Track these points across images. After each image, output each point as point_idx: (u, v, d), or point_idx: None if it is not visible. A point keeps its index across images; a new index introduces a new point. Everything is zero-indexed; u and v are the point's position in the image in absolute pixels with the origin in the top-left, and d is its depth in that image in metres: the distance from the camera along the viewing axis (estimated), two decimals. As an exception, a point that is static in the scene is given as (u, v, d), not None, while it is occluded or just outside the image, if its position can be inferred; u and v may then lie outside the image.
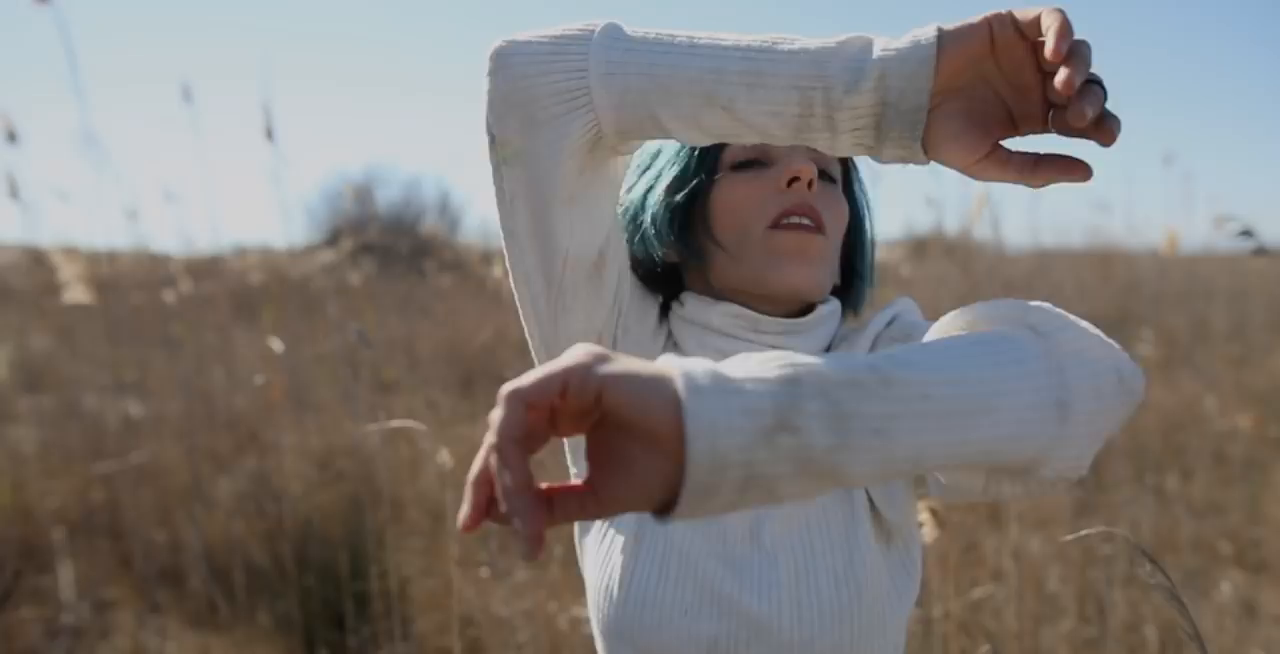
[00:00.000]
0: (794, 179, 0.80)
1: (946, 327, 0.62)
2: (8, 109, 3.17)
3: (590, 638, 2.18)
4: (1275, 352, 4.90)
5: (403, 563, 2.49)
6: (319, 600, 2.54)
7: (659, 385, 0.45)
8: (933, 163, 0.63)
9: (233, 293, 5.14)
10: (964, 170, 0.61)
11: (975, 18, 0.58)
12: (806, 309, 0.86)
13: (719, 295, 0.84)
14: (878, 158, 0.63)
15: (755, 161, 0.82)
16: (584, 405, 0.46)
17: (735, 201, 0.82)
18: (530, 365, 0.86)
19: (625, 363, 0.47)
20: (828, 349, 0.87)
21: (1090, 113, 0.54)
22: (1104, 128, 0.56)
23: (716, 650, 0.77)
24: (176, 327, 3.81)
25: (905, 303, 0.88)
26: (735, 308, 0.83)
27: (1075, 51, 0.55)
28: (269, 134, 2.37)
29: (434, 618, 2.41)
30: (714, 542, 0.80)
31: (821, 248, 0.82)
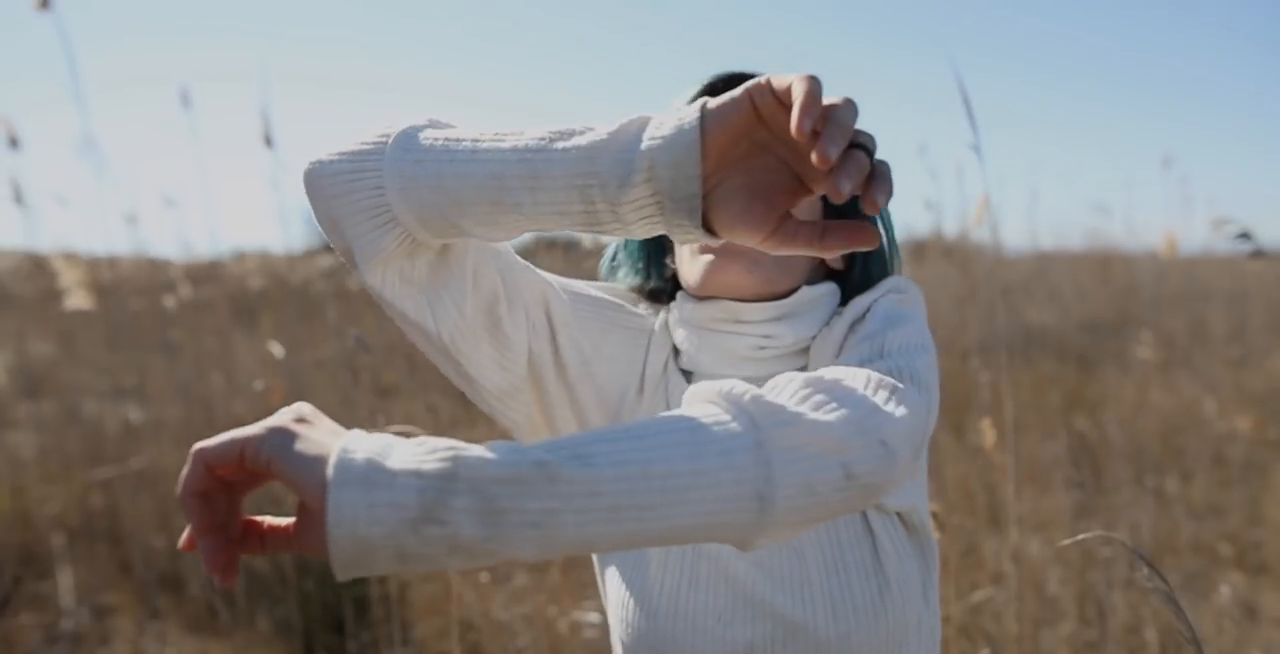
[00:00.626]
0: None
1: (685, 398, 0.61)
2: (7, 114, 3.17)
3: (591, 642, 2.18)
4: (1274, 354, 4.90)
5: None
6: (319, 605, 2.54)
7: (314, 468, 0.48)
8: None
9: (232, 298, 5.14)
10: (757, 247, 0.61)
11: (738, 90, 0.57)
12: (789, 292, 0.85)
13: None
14: (675, 240, 0.62)
15: None
16: (262, 471, 0.50)
17: None
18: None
19: (303, 438, 0.50)
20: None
21: (847, 187, 0.53)
22: (868, 197, 0.54)
23: None
24: (176, 332, 3.81)
25: (893, 283, 0.84)
26: (719, 303, 0.84)
27: (829, 119, 0.53)
28: (268, 141, 2.37)
29: (434, 623, 2.41)
30: None
31: (751, 248, 0.80)
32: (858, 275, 0.88)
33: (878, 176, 0.54)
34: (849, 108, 0.54)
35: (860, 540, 0.79)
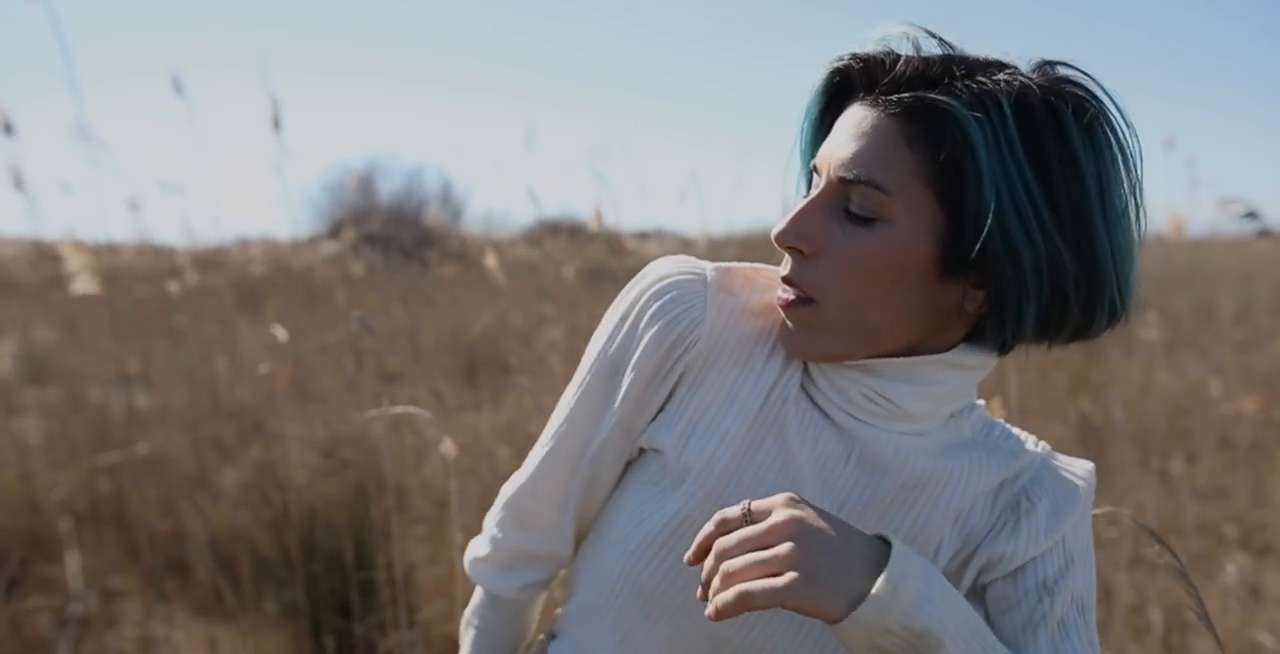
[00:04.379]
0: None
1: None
2: (3, 102, 3.16)
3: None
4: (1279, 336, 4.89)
5: (408, 551, 2.50)
6: (325, 589, 2.55)
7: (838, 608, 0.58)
8: None
9: (235, 284, 5.14)
10: None
11: None
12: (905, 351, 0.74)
13: None
14: None
15: (810, 183, 0.76)
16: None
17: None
18: (533, 354, 0.85)
19: (822, 576, 0.58)
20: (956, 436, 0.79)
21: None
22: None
23: None
24: (180, 318, 3.81)
25: (1088, 484, 0.78)
26: None
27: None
28: (276, 124, 2.35)
29: (439, 606, 2.42)
30: None
31: (806, 316, 0.72)
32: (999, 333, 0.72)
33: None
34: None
35: None
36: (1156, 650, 2.18)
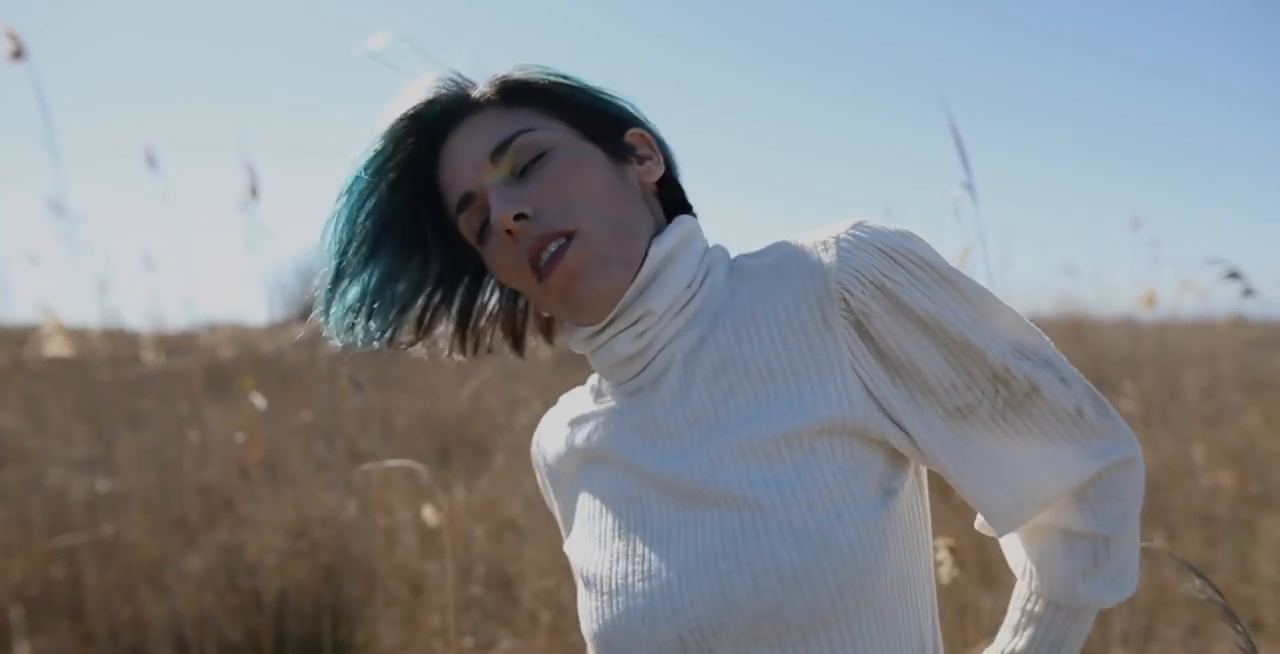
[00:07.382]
0: (507, 231, 0.76)
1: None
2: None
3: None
4: (1247, 411, 4.95)
5: (382, 634, 2.40)
6: (293, 677, 2.43)
7: None
8: None
9: (205, 367, 5.06)
10: None
11: None
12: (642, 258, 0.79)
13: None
14: None
15: (484, 224, 0.80)
16: None
17: (502, 273, 0.81)
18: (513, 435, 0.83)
19: None
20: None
21: None
22: None
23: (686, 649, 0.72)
24: (145, 401, 3.73)
25: (880, 238, 0.73)
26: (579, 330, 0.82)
27: None
28: (253, 192, 2.34)
29: (415, 693, 2.32)
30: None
31: (585, 251, 0.76)
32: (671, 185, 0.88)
33: None
34: None
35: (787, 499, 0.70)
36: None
